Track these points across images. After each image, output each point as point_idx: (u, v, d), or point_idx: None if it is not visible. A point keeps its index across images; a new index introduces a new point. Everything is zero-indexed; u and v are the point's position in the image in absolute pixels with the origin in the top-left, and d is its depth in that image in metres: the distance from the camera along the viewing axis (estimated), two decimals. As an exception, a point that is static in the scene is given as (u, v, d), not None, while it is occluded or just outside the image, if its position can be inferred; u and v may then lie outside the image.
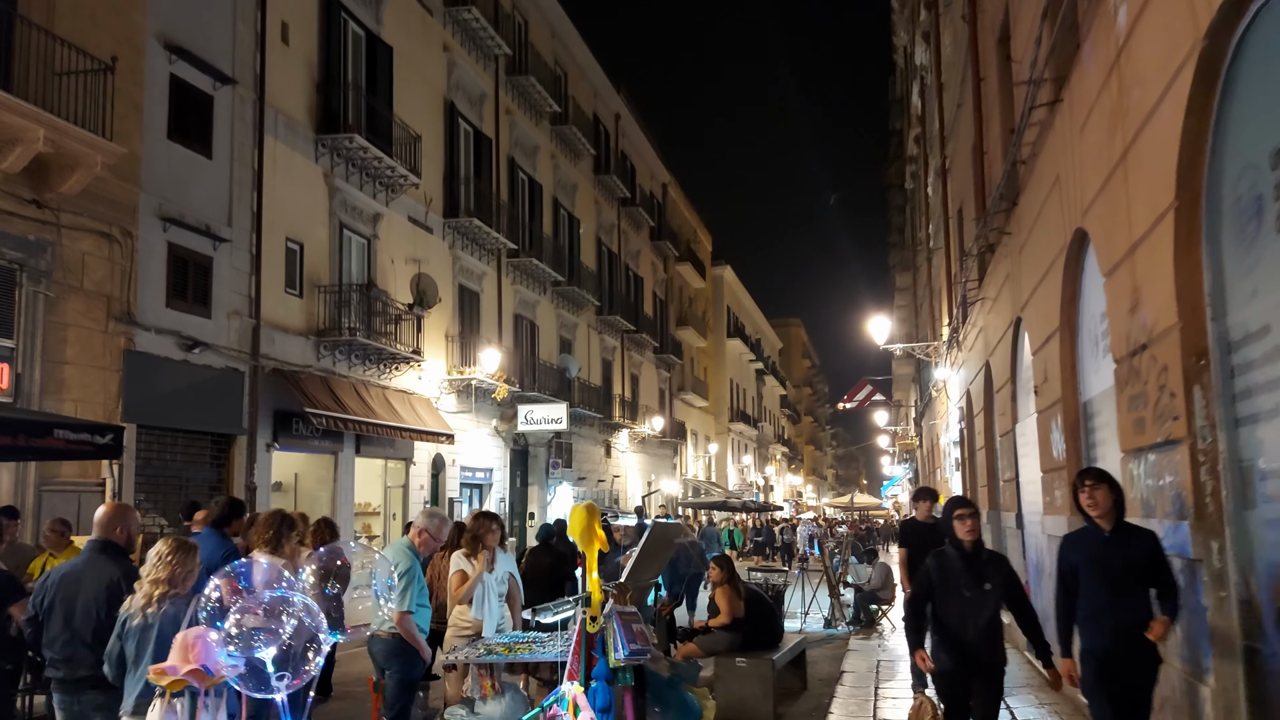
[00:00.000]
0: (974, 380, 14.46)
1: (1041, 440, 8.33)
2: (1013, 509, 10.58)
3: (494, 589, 5.99)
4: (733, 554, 28.40)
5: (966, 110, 13.62)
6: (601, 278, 34.33)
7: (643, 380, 40.11)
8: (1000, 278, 10.49)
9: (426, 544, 5.44)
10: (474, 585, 5.67)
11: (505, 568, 6.10)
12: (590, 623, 4.12)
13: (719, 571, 7.90)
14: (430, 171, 21.68)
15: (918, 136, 26.05)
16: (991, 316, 11.59)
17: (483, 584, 5.77)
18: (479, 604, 5.75)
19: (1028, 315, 8.84)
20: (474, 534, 5.96)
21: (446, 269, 22.37)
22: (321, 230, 17.63)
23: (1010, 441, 10.60)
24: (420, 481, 20.71)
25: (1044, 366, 8.04)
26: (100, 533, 5.08)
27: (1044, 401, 8.09)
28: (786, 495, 76.26)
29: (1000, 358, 10.91)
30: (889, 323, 19.78)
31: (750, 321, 66.64)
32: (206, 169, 14.78)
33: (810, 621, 14.29)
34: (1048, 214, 7.64)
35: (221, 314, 14.88)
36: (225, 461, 15.04)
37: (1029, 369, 9.21)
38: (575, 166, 31.81)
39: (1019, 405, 10.16)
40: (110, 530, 5.07)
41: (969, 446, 16.29)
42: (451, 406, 22.10)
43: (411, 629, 5.15)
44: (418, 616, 5.20)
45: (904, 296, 37.38)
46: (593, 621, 4.12)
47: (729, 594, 7.75)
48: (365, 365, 18.53)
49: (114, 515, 5.14)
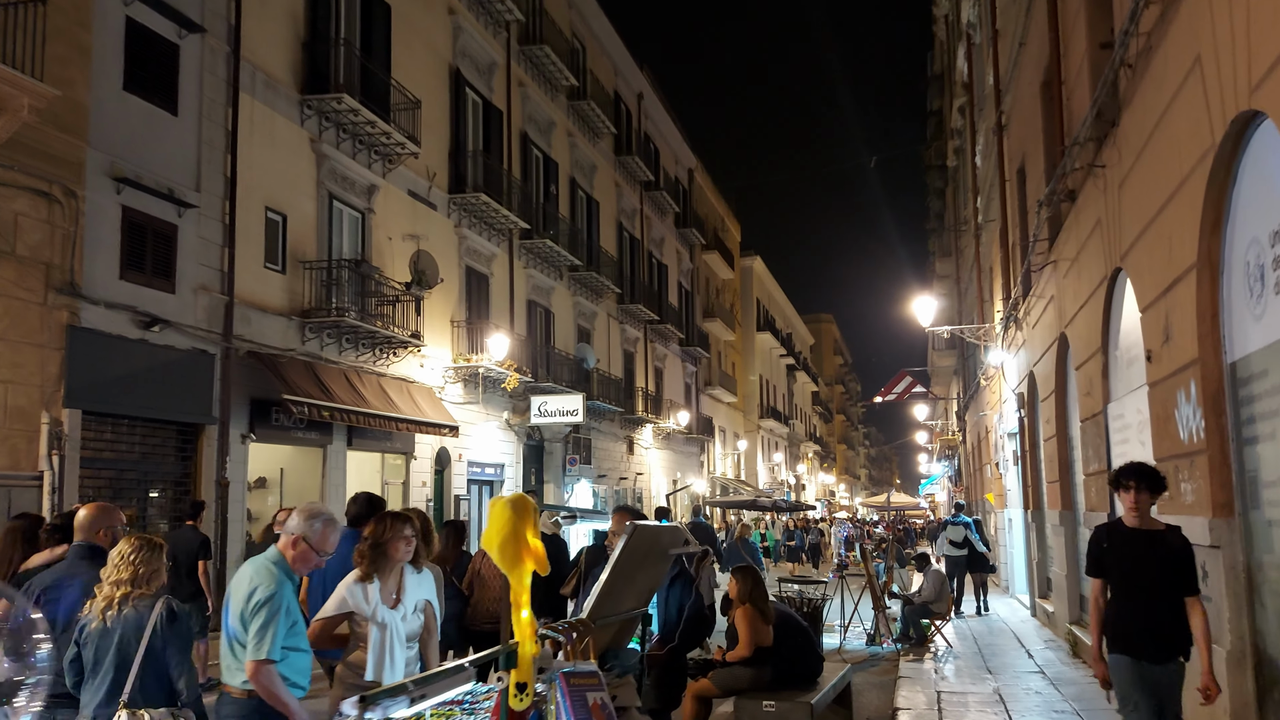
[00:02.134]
0: (1039, 360, 12.57)
1: (1158, 419, 6.49)
2: (1102, 509, 8.72)
3: (398, 630, 4.08)
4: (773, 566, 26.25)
5: (1033, 47, 11.74)
6: (622, 264, 32.57)
7: (667, 373, 38.33)
8: (1086, 227, 8.63)
9: (304, 558, 3.67)
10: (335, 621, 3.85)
11: (419, 595, 4.25)
12: (515, 696, 2.40)
13: (738, 586, 6.16)
14: (433, 143, 20.04)
15: (963, 106, 24.07)
16: (1069, 280, 9.72)
17: (382, 625, 4.01)
18: (376, 652, 4.02)
19: (1135, 262, 6.99)
20: (375, 542, 4.22)
21: (451, 249, 20.73)
22: (308, 201, 16.02)
23: (1098, 427, 8.74)
24: (422, 477, 19.08)
25: (1164, 322, 6.20)
26: (82, 536, 4.79)
27: (1164, 368, 6.25)
28: (819, 495, 74.22)
29: (1085, 326, 9.04)
30: (934, 303, 17.86)
31: (781, 315, 64.67)
32: (170, 126, 13.21)
33: (850, 637, 12.47)
34: (1175, 118, 5.81)
35: (187, 288, 13.29)
36: (192, 454, 13.45)
37: (1133, 332, 7.37)
38: (594, 146, 30.09)
39: (1113, 380, 8.31)
40: (93, 533, 4.80)
41: (1030, 438, 14.38)
42: (458, 397, 20.46)
43: (273, 685, 3.41)
44: (289, 665, 3.48)
45: (945, 284, 35.29)
46: (520, 693, 2.41)
47: (751, 617, 5.99)
48: (358, 350, 16.91)
49: (96, 517, 4.88)
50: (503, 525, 2.58)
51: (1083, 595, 10.82)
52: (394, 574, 4.15)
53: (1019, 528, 16.26)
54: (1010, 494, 17.42)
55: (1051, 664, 10.42)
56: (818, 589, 10.33)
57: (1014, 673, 10.01)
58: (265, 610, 3.44)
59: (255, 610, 3.45)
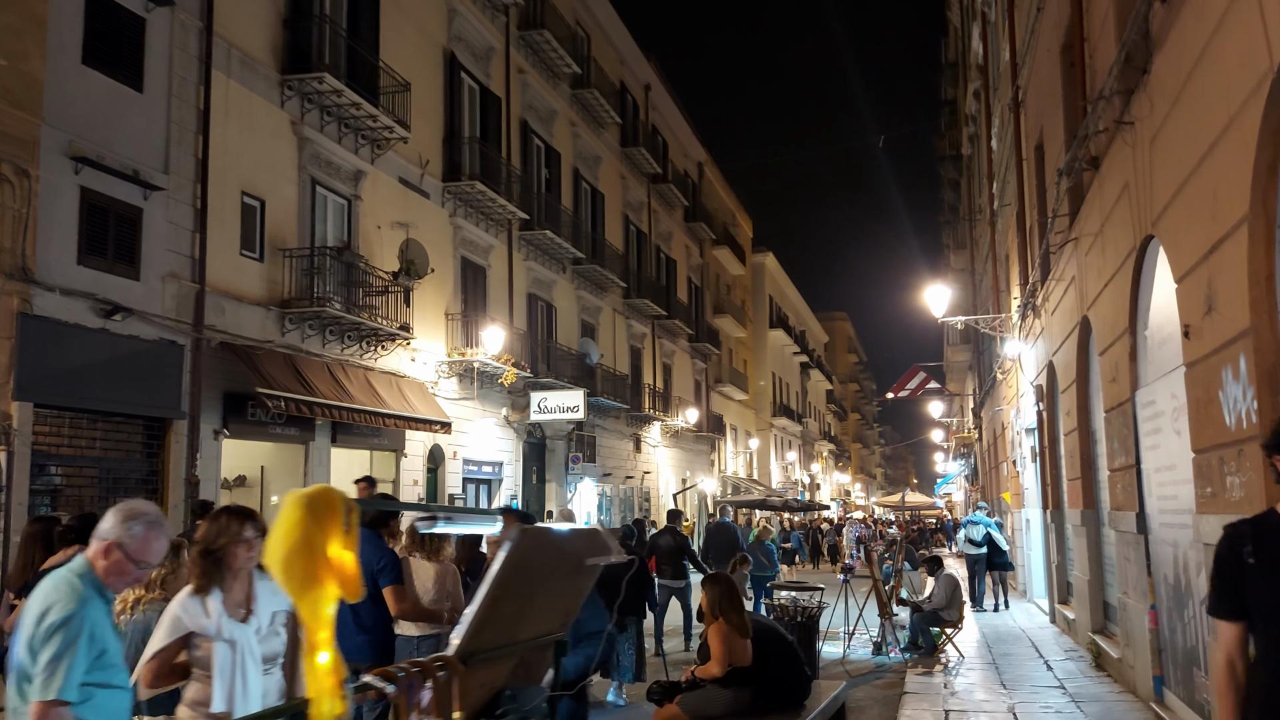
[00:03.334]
0: (1059, 349, 11.71)
1: (1198, 404, 5.66)
2: (1129, 508, 7.86)
3: (251, 648, 3.31)
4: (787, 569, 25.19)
5: (1051, 10, 10.88)
6: (629, 258, 31.78)
7: (676, 370, 37.51)
8: (1111, 195, 7.79)
9: (119, 569, 2.84)
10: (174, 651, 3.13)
11: (275, 606, 3.41)
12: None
13: (707, 596, 5.34)
14: (426, 129, 19.32)
15: (977, 90, 23.18)
16: (1092, 257, 8.87)
17: (230, 641, 3.21)
18: (225, 676, 3.20)
19: (1169, 225, 6.16)
20: (205, 548, 3.30)
21: (446, 239, 20.00)
22: (288, 186, 15.31)
23: (1124, 417, 7.89)
24: (414, 476, 18.35)
25: (1206, 290, 5.37)
26: None
27: (1206, 344, 5.42)
28: (834, 494, 73.21)
29: (1109, 306, 8.20)
30: (948, 292, 16.99)
31: (794, 312, 63.75)
32: (136, 105, 12.51)
33: (855, 645, 11.65)
34: (1221, 47, 4.98)
35: (154, 276, 12.59)
36: (159, 450, 12.74)
37: (1165, 309, 6.54)
38: (598, 137, 29.31)
39: (1142, 364, 7.46)
40: None
41: (1049, 433, 13.51)
42: (452, 393, 19.72)
43: (67, 731, 2.63)
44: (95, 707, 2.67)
45: (960, 278, 34.36)
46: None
47: (724, 632, 5.18)
48: (343, 343, 16.19)
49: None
50: (290, 533, 1.81)
51: (1108, 603, 9.97)
52: (240, 582, 3.36)
53: (1037, 528, 15.39)
54: (1028, 493, 16.54)
55: (1073, 677, 9.57)
56: (813, 596, 9.50)
57: (1031, 687, 9.16)
58: (59, 636, 2.64)
59: (47, 636, 2.65)
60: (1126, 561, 8.17)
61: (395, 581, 5.53)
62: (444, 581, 5.72)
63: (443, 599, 5.66)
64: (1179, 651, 6.68)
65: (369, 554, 5.31)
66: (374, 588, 5.40)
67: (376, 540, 5.65)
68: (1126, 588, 8.26)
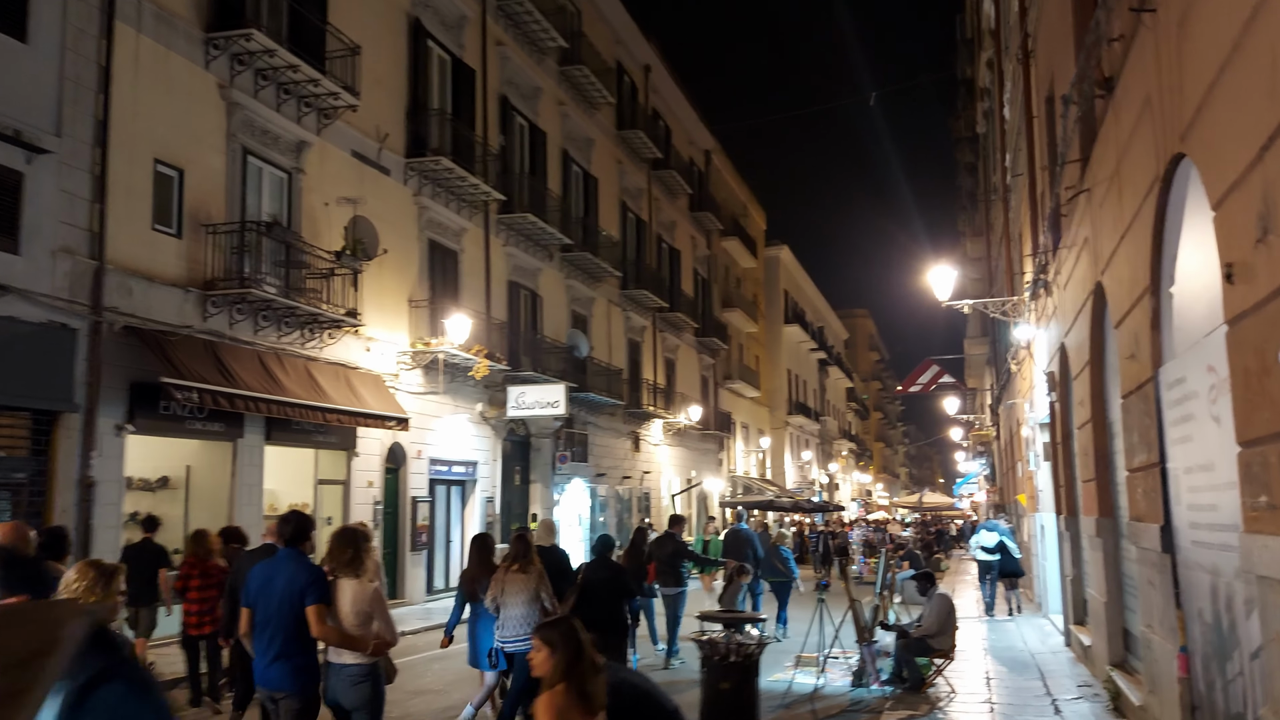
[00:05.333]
0: (1071, 328, 9.98)
1: (1246, 374, 4.00)
2: (1152, 519, 6.17)
3: None
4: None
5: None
6: (626, 247, 30.17)
7: (680, 366, 35.83)
8: (1129, 119, 6.10)
9: None
10: None
11: None
12: None
13: (548, 656, 3.73)
14: (386, 100, 17.82)
15: (990, 60, 21.39)
16: (1108, 205, 7.16)
17: None
18: None
19: (1201, 137, 4.49)
20: None
21: (409, 220, 18.49)
22: (214, 155, 13.84)
23: (1145, 402, 6.20)
24: (369, 477, 16.84)
25: (1259, 206, 3.69)
26: None
27: (1261, 285, 3.76)
28: (854, 494, 71.20)
29: (1128, 261, 6.49)
30: (954, 273, 15.22)
31: (811, 308, 61.89)
32: (19, 57, 11.06)
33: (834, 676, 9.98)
34: None
35: (41, 250, 11.14)
36: (46, 447, 11.28)
37: (1198, 255, 4.87)
38: (591, 118, 27.70)
39: (1168, 332, 5.78)
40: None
41: (1063, 427, 11.76)
42: (417, 387, 18.21)
43: None
44: None
45: (977, 267, 32.50)
46: None
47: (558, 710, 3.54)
48: (280, 330, 14.70)
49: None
50: None
51: (1129, 631, 8.25)
52: None
53: (1051, 536, 13.63)
54: (1042, 495, 14.78)
55: (1086, 721, 7.86)
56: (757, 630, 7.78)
57: (1034, 735, 7.47)
58: None
59: None
60: (1150, 587, 6.47)
61: (321, 600, 5.29)
62: (362, 603, 5.38)
63: (364, 623, 5.36)
64: (1219, 714, 5.00)
65: (294, 572, 5.34)
66: (299, 609, 5.25)
67: (299, 557, 5.49)
68: (1150, 619, 6.57)
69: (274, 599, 5.29)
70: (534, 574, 7.40)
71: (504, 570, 7.47)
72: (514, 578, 7.37)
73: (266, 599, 5.34)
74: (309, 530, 5.77)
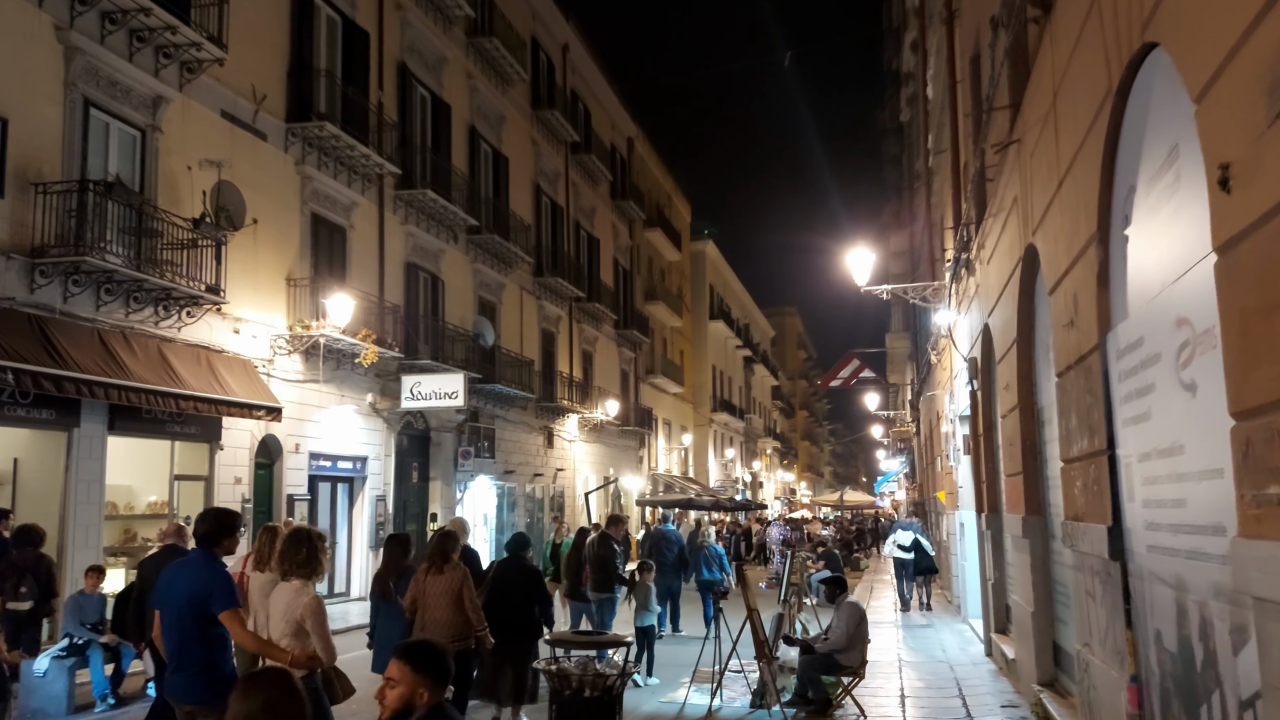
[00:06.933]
0: (995, 306, 8.99)
1: (1245, 317, 2.91)
2: (1096, 519, 5.11)
3: None
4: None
5: None
6: (541, 232, 28.82)
7: (599, 359, 34.60)
8: (1072, 29, 5.01)
9: None
10: None
11: None
12: None
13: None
14: (263, 58, 16.22)
15: (914, 41, 20.57)
16: (1042, 149, 6.09)
17: None
18: None
19: (1171, 21, 3.40)
20: None
21: (291, 190, 16.91)
22: (48, 105, 12.16)
23: (1088, 377, 5.14)
24: (236, 473, 15.24)
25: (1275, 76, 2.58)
26: None
27: (1264, 196, 2.64)
28: (778, 493, 70.84)
29: (1069, 208, 5.41)
30: (872, 256, 14.24)
31: (738, 304, 61.19)
32: None
33: (732, 695, 8.83)
34: None
35: None
36: None
37: (1160, 182, 3.79)
38: (503, 94, 26.27)
39: (1120, 288, 4.71)
40: None
41: (985, 417, 10.79)
42: (295, 374, 16.64)
43: None
44: None
45: (900, 261, 31.88)
46: None
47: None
48: (128, 306, 13.07)
49: None
50: None
51: (1061, 647, 7.22)
52: None
53: (971, 535, 12.71)
54: (962, 492, 13.87)
55: (1010, 752, 6.82)
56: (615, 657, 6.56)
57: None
58: None
59: None
60: (1089, 599, 5.40)
61: (229, 606, 5.02)
62: (295, 611, 5.06)
63: (294, 632, 5.03)
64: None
65: (198, 575, 5.10)
66: (205, 616, 4.99)
67: (208, 560, 5.21)
68: (1089, 637, 5.52)
69: (174, 604, 5.05)
70: (457, 575, 7.19)
71: (424, 572, 7.29)
72: (434, 579, 7.20)
73: (168, 603, 5.10)
74: (228, 530, 5.38)
